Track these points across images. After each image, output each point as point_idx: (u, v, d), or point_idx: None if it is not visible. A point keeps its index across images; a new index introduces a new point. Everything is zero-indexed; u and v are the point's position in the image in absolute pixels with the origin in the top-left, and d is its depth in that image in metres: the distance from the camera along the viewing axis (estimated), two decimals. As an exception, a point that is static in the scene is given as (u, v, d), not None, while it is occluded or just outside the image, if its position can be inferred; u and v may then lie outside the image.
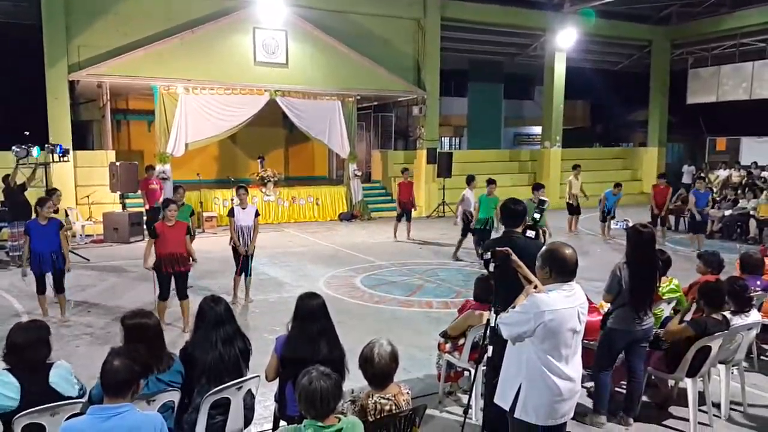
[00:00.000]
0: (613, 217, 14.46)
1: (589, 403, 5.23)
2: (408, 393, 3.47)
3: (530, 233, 4.39)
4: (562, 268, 3.41)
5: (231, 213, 8.59)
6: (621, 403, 4.96)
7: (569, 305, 3.35)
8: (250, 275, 8.72)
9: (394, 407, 3.32)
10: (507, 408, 3.51)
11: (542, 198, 7.14)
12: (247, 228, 8.47)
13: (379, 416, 3.28)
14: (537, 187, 10.87)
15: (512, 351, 3.52)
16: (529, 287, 3.56)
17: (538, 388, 3.39)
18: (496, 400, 3.64)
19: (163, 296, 7.30)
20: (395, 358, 3.40)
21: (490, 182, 11.36)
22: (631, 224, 5.04)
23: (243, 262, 8.48)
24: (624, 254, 4.82)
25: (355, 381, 3.94)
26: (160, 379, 3.72)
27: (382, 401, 3.31)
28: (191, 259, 7.43)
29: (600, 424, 4.79)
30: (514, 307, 3.48)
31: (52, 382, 3.47)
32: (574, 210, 15.18)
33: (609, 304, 4.92)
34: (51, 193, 8.76)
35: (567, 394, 3.40)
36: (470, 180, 12.11)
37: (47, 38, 14.07)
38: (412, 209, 14.28)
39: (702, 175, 18.08)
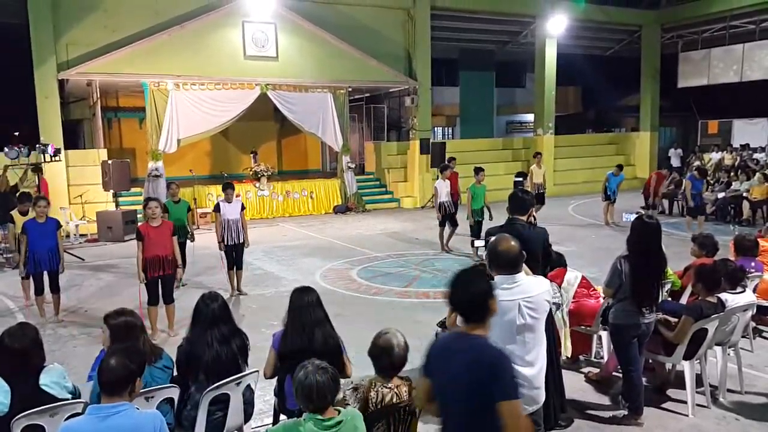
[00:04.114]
0: (614, 201, 14.35)
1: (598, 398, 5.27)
2: (410, 384, 3.47)
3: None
4: (496, 261, 3.37)
5: (217, 208, 8.69)
6: (620, 388, 4.98)
7: (507, 298, 3.26)
8: (242, 268, 8.87)
9: (395, 397, 3.34)
10: None
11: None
12: (234, 221, 8.58)
13: (379, 406, 3.29)
14: (477, 170, 11.10)
15: None
16: None
17: None
18: None
19: (153, 302, 6.91)
20: (408, 349, 3.43)
21: (479, 170, 11.16)
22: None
23: (234, 255, 8.65)
24: (626, 246, 4.66)
25: (360, 370, 3.96)
26: (154, 366, 3.77)
27: (384, 390, 3.33)
28: (176, 264, 6.97)
29: (639, 424, 4.65)
30: None
31: (43, 385, 3.46)
32: (537, 200, 15.03)
33: (610, 299, 4.82)
34: None
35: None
36: (443, 169, 11.99)
37: (35, 37, 13.93)
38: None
39: (698, 164, 18.07)
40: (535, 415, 3.50)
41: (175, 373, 3.98)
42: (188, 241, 9.11)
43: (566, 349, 5.51)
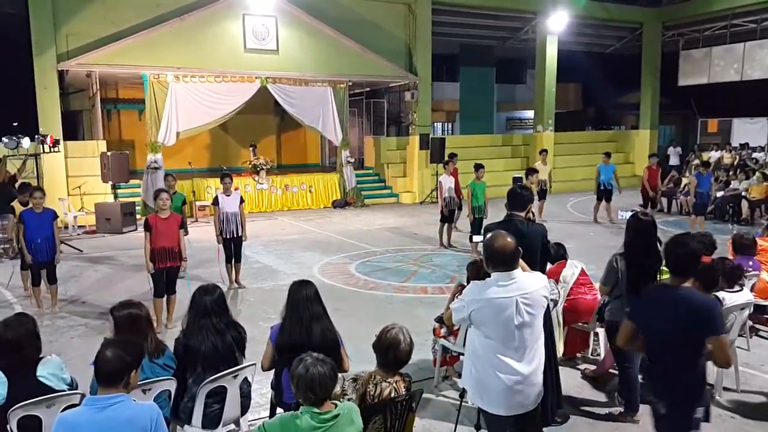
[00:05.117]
0: (610, 199, 14.21)
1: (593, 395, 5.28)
2: (409, 380, 3.51)
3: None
4: (492, 258, 3.36)
5: (216, 201, 8.70)
6: (616, 385, 5.00)
7: (503, 295, 3.26)
8: (240, 261, 8.89)
9: (393, 392, 3.35)
10: (465, 387, 3.58)
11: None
12: (232, 214, 8.59)
13: (377, 399, 3.30)
14: (477, 167, 11.12)
15: (469, 336, 3.56)
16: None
17: (482, 377, 3.38)
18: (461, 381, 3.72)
19: (159, 293, 6.93)
20: (413, 346, 3.49)
21: (479, 167, 11.14)
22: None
23: (232, 248, 8.67)
24: (622, 243, 4.65)
25: (358, 364, 3.97)
26: (155, 362, 3.76)
27: (384, 384, 3.34)
28: (181, 257, 7.02)
29: (635, 421, 4.64)
30: None
31: (40, 376, 3.45)
32: (540, 195, 14.97)
33: (606, 296, 4.82)
34: None
35: (516, 387, 3.33)
36: (447, 163, 11.92)
37: (34, 27, 13.88)
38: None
39: (699, 161, 18.02)
40: (532, 412, 3.52)
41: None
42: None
43: (558, 350, 5.48)
